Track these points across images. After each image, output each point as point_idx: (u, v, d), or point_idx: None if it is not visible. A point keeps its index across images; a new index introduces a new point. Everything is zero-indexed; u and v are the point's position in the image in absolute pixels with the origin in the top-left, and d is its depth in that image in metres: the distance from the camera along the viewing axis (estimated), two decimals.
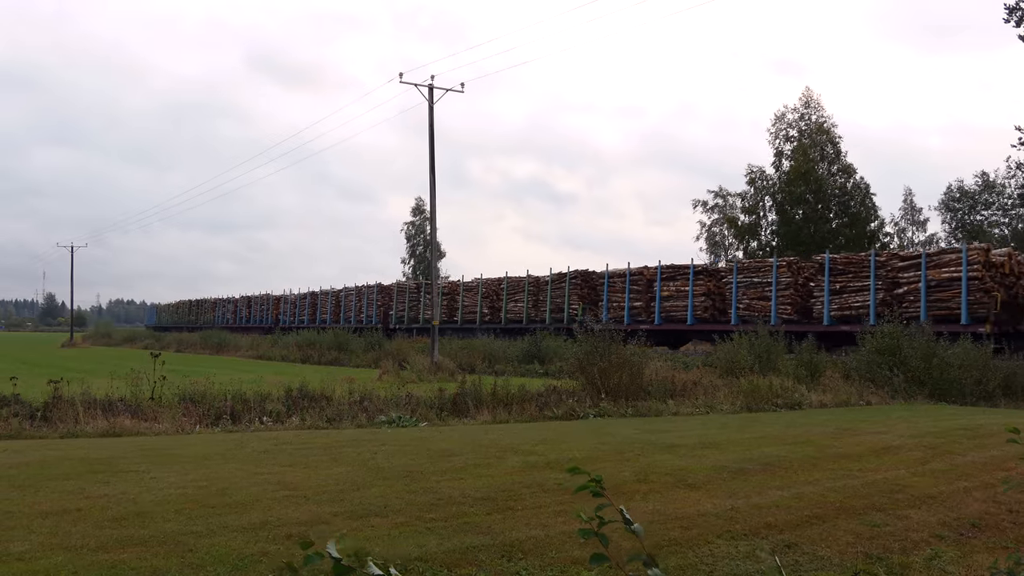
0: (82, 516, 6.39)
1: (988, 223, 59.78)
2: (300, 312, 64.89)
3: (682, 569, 5.41)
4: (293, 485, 7.62)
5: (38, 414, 13.26)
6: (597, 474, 2.73)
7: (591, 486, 2.72)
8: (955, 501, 7.45)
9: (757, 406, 16.77)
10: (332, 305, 60.02)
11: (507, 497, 7.18)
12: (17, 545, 5.58)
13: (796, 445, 10.48)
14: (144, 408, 13.86)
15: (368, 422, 13.95)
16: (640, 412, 15.73)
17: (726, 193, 61.95)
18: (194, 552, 5.47)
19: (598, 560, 2.61)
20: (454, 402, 15.63)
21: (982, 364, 19.78)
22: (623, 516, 2.70)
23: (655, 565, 2.67)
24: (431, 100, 33.80)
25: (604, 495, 2.72)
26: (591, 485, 2.72)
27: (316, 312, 62.16)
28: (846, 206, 54.32)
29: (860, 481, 8.17)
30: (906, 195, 66.66)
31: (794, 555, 5.77)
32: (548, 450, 9.91)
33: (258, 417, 13.99)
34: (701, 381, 19.53)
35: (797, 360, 21.52)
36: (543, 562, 5.43)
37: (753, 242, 58.00)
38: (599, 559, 2.61)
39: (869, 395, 18.73)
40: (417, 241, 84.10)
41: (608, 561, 2.59)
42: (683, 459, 9.28)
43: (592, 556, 2.64)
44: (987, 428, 12.34)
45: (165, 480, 7.87)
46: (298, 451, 9.95)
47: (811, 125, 56.13)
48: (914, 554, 5.88)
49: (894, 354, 20.24)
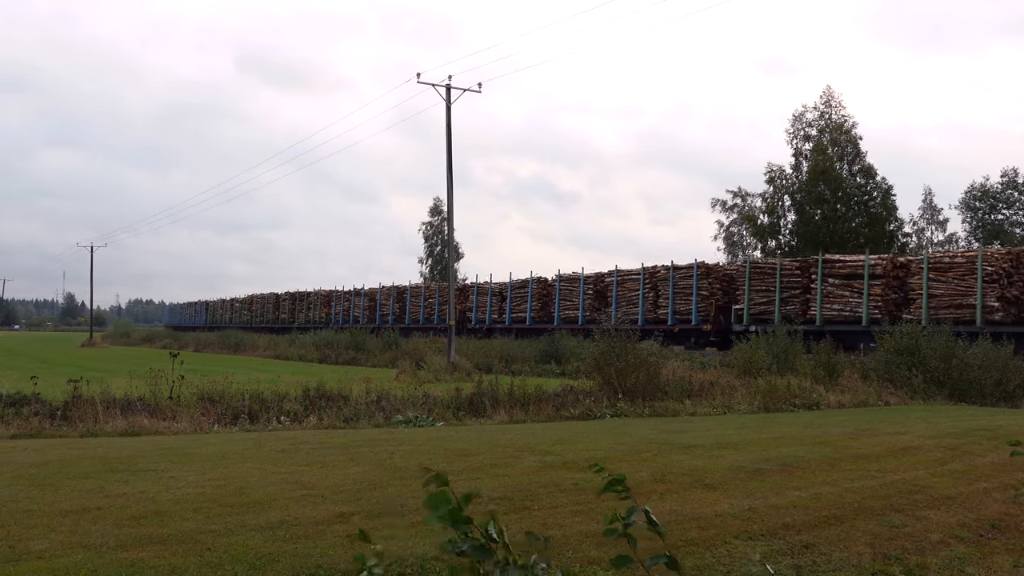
0: (101, 515, 6.44)
1: (1009, 223, 59.27)
2: (355, 310, 62.73)
3: (699, 569, 5.40)
4: (310, 484, 7.65)
5: (58, 413, 13.37)
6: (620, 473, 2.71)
7: (617, 488, 2.69)
8: (974, 502, 7.40)
9: (775, 406, 16.70)
10: (395, 303, 57.86)
11: (524, 497, 7.18)
12: (37, 543, 5.63)
13: (814, 445, 10.43)
14: (163, 407, 13.94)
15: (385, 422, 13.98)
16: (657, 412, 15.70)
17: (745, 193, 61.79)
18: (212, 551, 5.50)
19: (623, 562, 2.58)
20: (471, 402, 15.64)
21: (1002, 364, 19.60)
22: (648, 517, 2.68)
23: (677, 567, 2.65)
24: (448, 100, 33.84)
25: (630, 496, 2.69)
26: (617, 488, 2.69)
27: (377, 310, 59.50)
28: (865, 206, 54.00)
29: (878, 482, 8.12)
30: (925, 195, 66.23)
31: (812, 556, 5.74)
32: (565, 450, 9.90)
33: (276, 417, 14.06)
34: (718, 381, 19.47)
35: (815, 360, 21.39)
36: (560, 562, 5.43)
37: (772, 241, 57.76)
38: (624, 561, 2.58)
39: (888, 395, 18.61)
40: (435, 242, 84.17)
41: (633, 562, 2.57)
42: (700, 459, 9.25)
43: (617, 558, 2.61)
44: (1007, 429, 12.23)
45: (183, 479, 7.92)
46: (315, 450, 9.98)
47: (831, 124, 55.83)
48: (932, 555, 5.85)
49: (913, 354, 20.09)
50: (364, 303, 60.28)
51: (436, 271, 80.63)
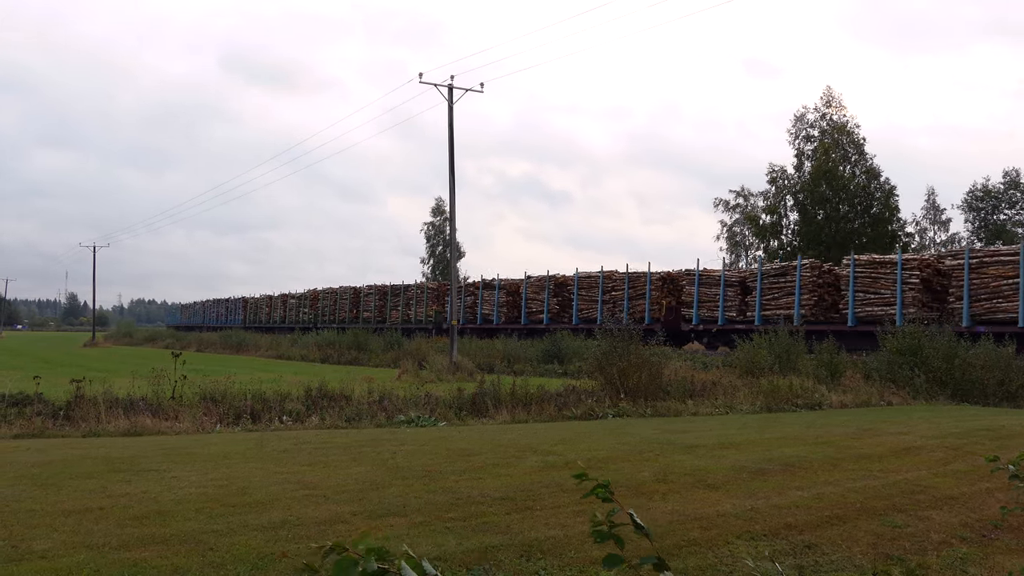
0: (104, 515, 6.44)
1: (1012, 223, 59.23)
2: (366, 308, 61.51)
3: (701, 570, 5.39)
4: (313, 484, 7.66)
5: (61, 413, 13.38)
6: (606, 479, 2.73)
7: (599, 492, 2.72)
8: (977, 502, 7.39)
9: (777, 406, 16.69)
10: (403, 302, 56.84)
11: (526, 497, 7.18)
12: (40, 543, 5.63)
13: (816, 445, 10.42)
14: (165, 407, 13.95)
15: (387, 422, 13.98)
16: (659, 412, 15.69)
17: (748, 193, 61.78)
18: (214, 551, 5.50)
19: (613, 562, 2.60)
20: (473, 402, 15.63)
21: (1005, 364, 19.59)
22: (633, 520, 2.69)
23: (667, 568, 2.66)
24: (450, 100, 33.81)
25: (613, 500, 2.71)
26: (599, 491, 2.72)
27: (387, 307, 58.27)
28: (868, 206, 53.97)
29: (881, 482, 8.12)
30: (928, 195, 66.26)
31: (814, 556, 5.74)
32: (567, 450, 9.91)
33: (278, 416, 14.06)
34: (720, 381, 19.46)
35: (817, 360, 21.38)
36: (562, 562, 5.43)
37: (774, 242, 57.75)
38: (614, 560, 2.60)
39: (890, 395, 18.59)
40: (437, 241, 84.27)
41: (623, 563, 2.58)
42: (702, 459, 9.25)
43: (607, 557, 2.63)
44: (1010, 429, 12.23)
45: (186, 479, 7.92)
46: (318, 450, 9.99)
47: (833, 125, 55.83)
48: (934, 555, 5.84)
49: (915, 354, 20.08)
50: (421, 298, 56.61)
51: (438, 271, 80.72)
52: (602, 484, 2.72)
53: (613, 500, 2.70)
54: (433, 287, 54.15)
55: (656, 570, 2.65)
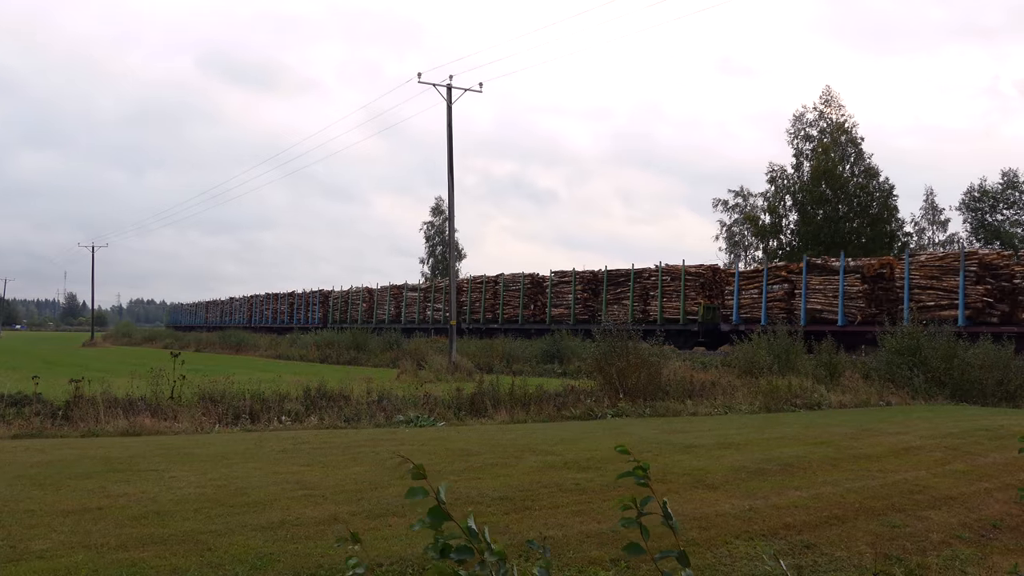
0: (103, 515, 6.44)
1: (1010, 223, 59.24)
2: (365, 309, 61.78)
3: (700, 570, 5.39)
4: (311, 485, 7.66)
5: (59, 413, 13.37)
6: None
7: (638, 472, 2.68)
8: (975, 502, 7.39)
9: (776, 406, 16.69)
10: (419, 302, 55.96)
11: (525, 497, 7.18)
12: (38, 543, 5.63)
13: (815, 445, 10.42)
14: (164, 407, 13.94)
15: (386, 422, 13.98)
16: (658, 412, 15.69)
17: (747, 193, 61.80)
18: (213, 551, 5.50)
19: (634, 550, 2.58)
20: (472, 402, 15.63)
21: (1004, 364, 19.60)
22: (664, 511, 2.67)
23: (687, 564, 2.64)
24: (450, 100, 33.88)
25: (648, 485, 2.68)
26: (638, 471, 2.68)
27: (402, 309, 57.59)
28: (866, 206, 54.00)
29: (880, 482, 8.12)
30: (927, 195, 66.26)
31: (813, 556, 5.74)
32: (566, 450, 9.90)
33: (277, 416, 14.05)
34: (719, 381, 19.45)
35: (816, 360, 21.39)
36: (561, 562, 5.43)
37: (773, 241, 57.78)
38: (635, 549, 2.58)
39: (889, 395, 18.60)
40: (436, 241, 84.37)
41: (644, 552, 2.56)
42: (701, 459, 9.25)
43: (628, 545, 2.60)
44: (1009, 429, 12.22)
45: (184, 479, 7.92)
46: (316, 450, 9.99)
47: (832, 124, 55.86)
48: (933, 555, 5.85)
49: (914, 354, 20.09)
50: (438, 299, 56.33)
51: (437, 271, 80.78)
52: (641, 466, 2.68)
53: (648, 486, 2.67)
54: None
55: (680, 564, 2.63)
